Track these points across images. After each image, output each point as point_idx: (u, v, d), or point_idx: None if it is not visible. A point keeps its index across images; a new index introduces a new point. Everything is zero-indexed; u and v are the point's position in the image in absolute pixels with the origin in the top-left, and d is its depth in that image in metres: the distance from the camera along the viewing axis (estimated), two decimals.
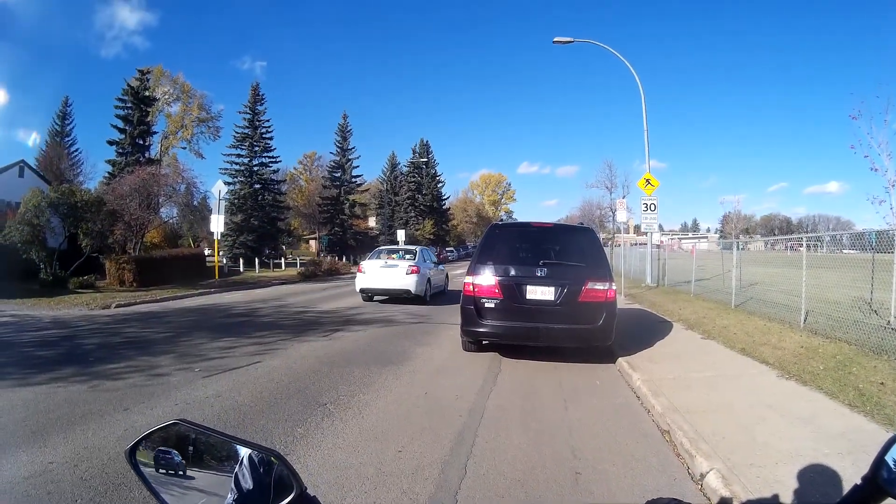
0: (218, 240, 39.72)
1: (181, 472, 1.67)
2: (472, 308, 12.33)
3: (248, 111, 76.51)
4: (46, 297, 26.63)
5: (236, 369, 11.59)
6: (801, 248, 17.44)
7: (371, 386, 10.41)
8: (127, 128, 64.44)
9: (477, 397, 9.70)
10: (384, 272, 26.01)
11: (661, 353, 12.80)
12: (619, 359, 12.23)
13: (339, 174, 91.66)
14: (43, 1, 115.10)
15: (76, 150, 79.86)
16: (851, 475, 1.57)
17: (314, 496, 1.61)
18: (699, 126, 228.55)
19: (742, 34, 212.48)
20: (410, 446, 7.24)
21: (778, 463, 6.03)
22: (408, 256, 27.49)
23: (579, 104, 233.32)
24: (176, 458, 1.68)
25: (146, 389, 9.98)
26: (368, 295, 26.64)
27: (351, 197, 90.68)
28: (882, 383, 9.20)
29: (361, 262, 30.33)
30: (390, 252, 29.13)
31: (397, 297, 25.84)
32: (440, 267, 31.08)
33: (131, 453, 1.68)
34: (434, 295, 27.51)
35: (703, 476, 6.05)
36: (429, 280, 26.79)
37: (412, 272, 25.63)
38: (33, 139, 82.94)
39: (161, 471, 1.68)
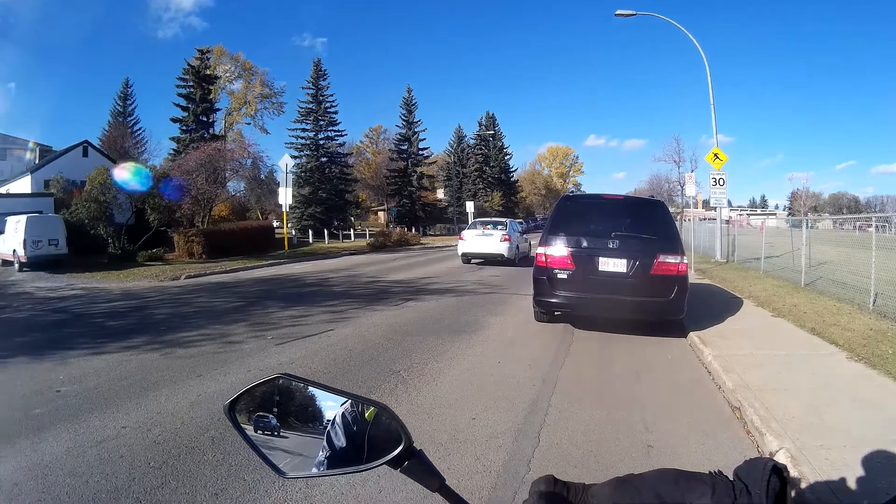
0: (286, 212, 40.31)
1: (276, 432, 1.72)
2: (544, 279, 12.37)
3: (312, 86, 77.48)
4: (115, 270, 27.30)
5: (309, 337, 11.84)
6: (870, 229, 17.22)
7: (444, 354, 10.56)
8: (190, 106, 66.06)
9: (550, 367, 9.77)
10: (481, 240, 30.81)
11: (732, 329, 12.70)
12: (691, 333, 12.15)
13: (405, 147, 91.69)
14: None
15: (139, 129, 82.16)
16: None
17: (420, 449, 1.61)
18: (767, 100, 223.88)
19: (812, 5, 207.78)
20: (484, 414, 7.39)
21: (846, 446, 5.99)
22: (500, 227, 31.61)
23: (645, 76, 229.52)
24: (272, 419, 1.73)
25: (219, 357, 10.27)
26: (467, 258, 31.46)
27: (419, 169, 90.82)
28: None
29: (462, 232, 34.38)
30: (485, 223, 33.31)
31: (492, 260, 29.48)
32: (524, 236, 34.27)
33: (230, 408, 1.72)
34: (521, 258, 30.37)
35: (772, 455, 6.05)
36: (517, 247, 31.26)
37: (504, 240, 30.17)
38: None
39: (258, 430, 1.72)
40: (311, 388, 1.71)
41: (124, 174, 32.68)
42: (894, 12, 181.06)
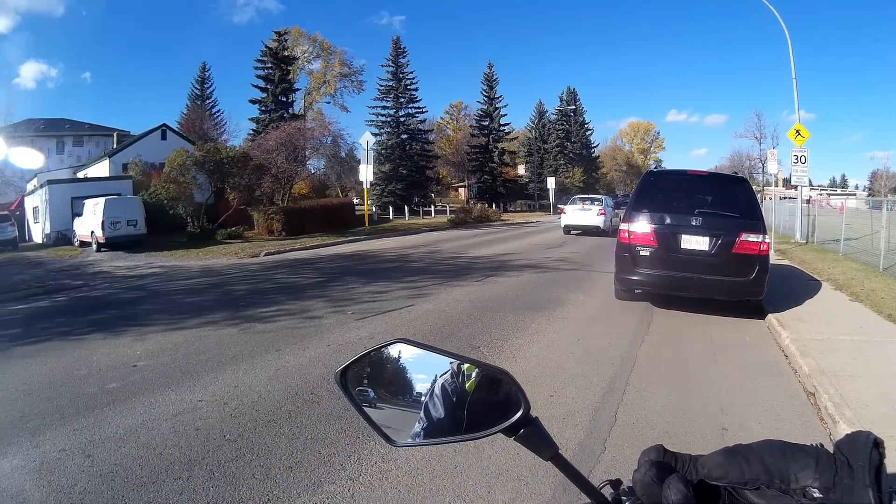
0: (367, 189, 40.53)
1: (374, 403, 1.72)
2: (627, 255, 12.48)
3: (391, 64, 77.61)
4: (195, 248, 28.18)
5: (389, 312, 12.17)
6: None
7: (524, 331, 10.74)
8: (269, 87, 66.85)
9: (629, 346, 9.88)
10: (580, 213, 35.84)
11: (810, 312, 12.60)
12: (769, 315, 12.09)
13: (486, 123, 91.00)
14: None
15: (218, 111, 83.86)
16: None
17: (536, 417, 1.57)
18: (849, 76, 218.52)
19: None
20: (562, 391, 7.59)
21: None
22: (597, 203, 36.91)
23: (726, 51, 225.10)
24: (370, 391, 1.73)
25: (298, 332, 10.57)
26: (569, 230, 36.04)
27: (500, 145, 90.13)
28: None
29: (564, 207, 39.96)
30: (584, 199, 38.56)
31: (589, 231, 33.21)
32: (616, 211, 37.26)
33: (342, 374, 1.71)
34: (613, 231, 29.88)
35: None
36: (611, 220, 34.20)
37: (601, 214, 35.04)
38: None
39: (360, 398, 1.72)
40: (428, 353, 1.68)
41: (203, 155, 33.40)
42: None
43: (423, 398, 1.63)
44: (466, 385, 1.62)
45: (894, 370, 8.55)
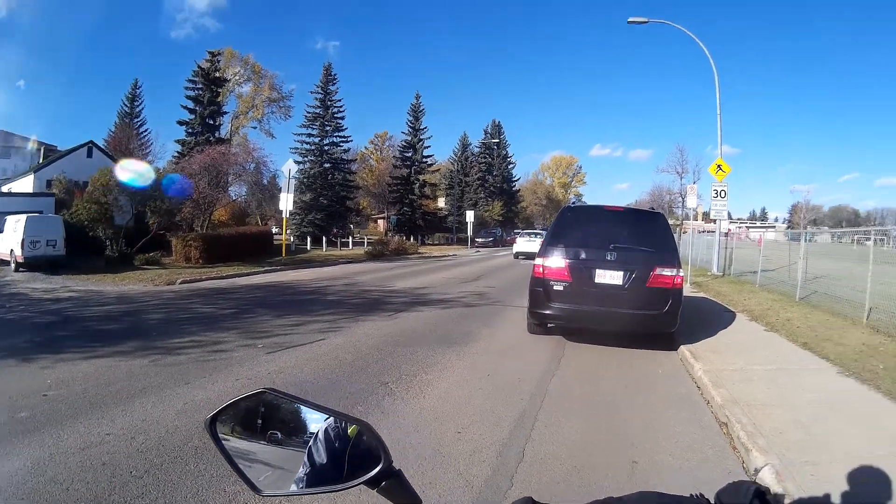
0: (287, 218, 40.22)
1: (253, 444, 1.72)
2: (540, 290, 12.38)
3: (320, 91, 76.98)
4: (112, 273, 27.40)
5: (300, 346, 11.83)
6: (868, 242, 17.26)
7: (434, 366, 10.53)
8: (197, 108, 65.63)
9: (539, 381, 9.74)
10: (528, 243, 46.13)
11: (724, 343, 12.73)
12: (682, 347, 12.18)
13: (410, 154, 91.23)
14: None
15: (145, 131, 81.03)
16: None
17: (399, 469, 1.61)
18: (774, 112, 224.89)
19: (820, 19, 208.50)
20: (470, 428, 7.35)
21: (833, 462, 6.01)
22: (539, 235, 44.97)
23: (653, 87, 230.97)
24: (248, 430, 1.74)
25: (208, 364, 10.26)
26: (517, 255, 46.09)
27: (421, 177, 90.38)
28: None
29: (516, 237, 54.91)
30: (528, 233, 52.13)
31: (532, 256, 33.35)
32: None
33: (212, 422, 1.71)
34: None
35: (757, 471, 6.06)
36: None
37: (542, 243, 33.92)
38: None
39: (234, 441, 1.73)
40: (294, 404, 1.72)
41: (127, 175, 32.60)
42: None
43: (308, 443, 1.64)
44: (349, 431, 1.65)
45: (809, 398, 8.66)
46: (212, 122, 67.52)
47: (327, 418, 1.68)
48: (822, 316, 15.83)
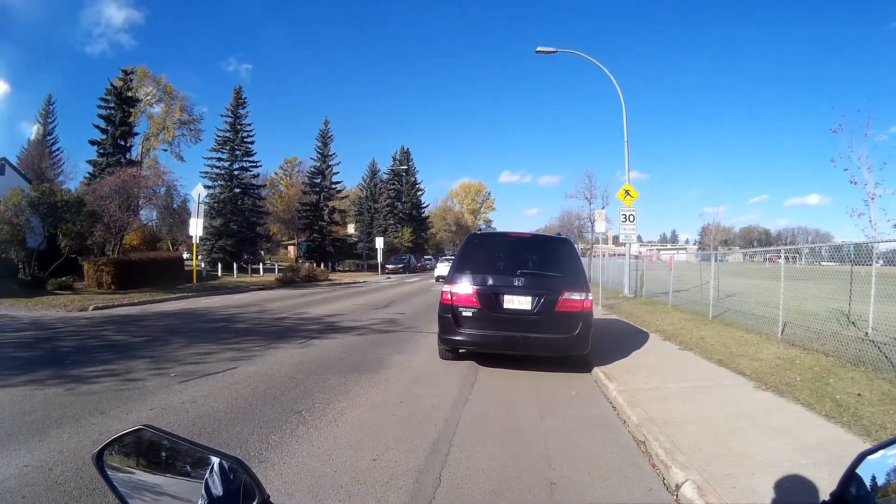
0: (196, 244, 39.90)
1: (156, 476, 1.70)
2: (449, 317, 12.31)
3: (230, 114, 76.22)
4: (24, 297, 26.80)
5: (212, 375, 11.58)
6: (780, 260, 17.51)
7: (347, 394, 10.37)
8: (109, 128, 64.14)
9: (453, 406, 9.67)
10: (447, 267, 40.94)
11: (638, 363, 12.80)
12: (596, 369, 12.24)
13: (319, 180, 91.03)
14: None
15: (58, 150, 79.68)
16: (828, 486, 1.54)
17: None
18: (682, 138, 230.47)
19: (726, 46, 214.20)
20: (385, 455, 7.21)
21: (754, 474, 6.04)
22: None
23: (562, 114, 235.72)
24: (151, 462, 1.73)
25: (122, 394, 9.97)
26: (439, 279, 46.44)
27: (330, 203, 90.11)
28: (859, 394, 9.26)
29: (437, 262, 62.80)
30: (448, 259, 50.86)
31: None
32: None
33: (98, 457, 1.68)
34: None
35: (678, 487, 6.04)
36: None
37: None
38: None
39: (138, 474, 1.71)
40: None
41: (39, 197, 31.85)
42: (810, 51, 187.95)
43: (205, 475, 1.65)
44: (235, 464, 1.65)
45: (727, 413, 8.77)
46: (123, 142, 66.10)
47: (209, 454, 1.69)
48: (736, 333, 16.11)
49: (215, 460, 1.65)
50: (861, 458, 1.57)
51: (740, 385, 10.54)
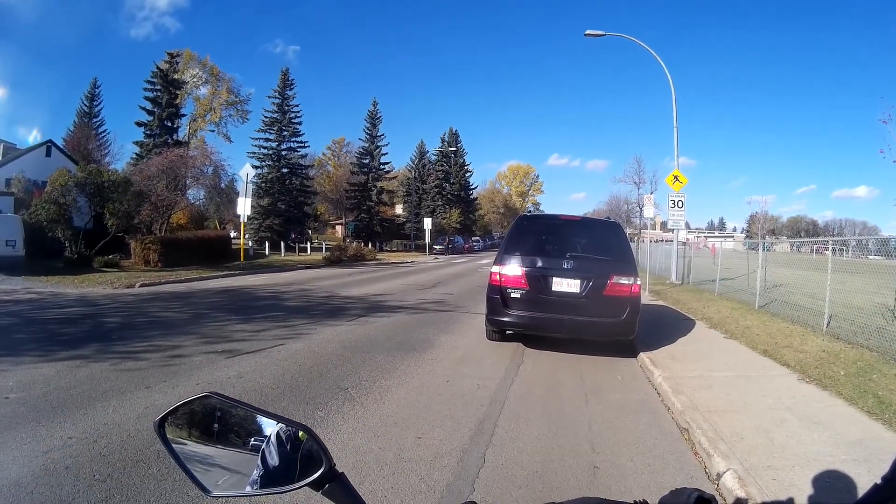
0: (244, 223, 40.01)
1: (209, 447, 1.70)
2: (498, 298, 12.34)
3: (278, 96, 76.37)
4: (71, 275, 26.91)
5: (259, 351, 11.68)
6: (827, 252, 17.34)
7: (393, 372, 10.44)
8: (155, 110, 64.75)
9: (499, 387, 9.70)
10: None
11: (683, 350, 12.76)
12: (641, 354, 12.23)
13: (367, 161, 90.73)
14: None
15: (104, 132, 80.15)
16: (866, 482, 1.60)
17: (342, 472, 1.60)
18: (731, 125, 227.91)
19: (776, 34, 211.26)
20: (430, 434, 7.29)
21: (794, 466, 6.05)
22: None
23: (611, 98, 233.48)
24: (204, 433, 1.72)
25: (168, 369, 10.10)
26: None
27: (378, 184, 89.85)
28: None
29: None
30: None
31: None
32: None
33: (160, 425, 1.69)
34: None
35: (719, 476, 6.06)
36: None
37: None
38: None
39: (190, 445, 1.71)
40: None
41: (85, 177, 32.17)
42: (853, 42, 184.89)
43: (261, 445, 1.64)
44: (300, 434, 1.64)
45: (769, 403, 8.69)
46: (170, 124, 66.69)
47: (278, 423, 1.67)
48: (782, 324, 15.93)
49: (275, 430, 1.66)
50: None
51: (784, 376, 10.47)
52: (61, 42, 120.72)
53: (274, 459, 1.62)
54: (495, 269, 12.56)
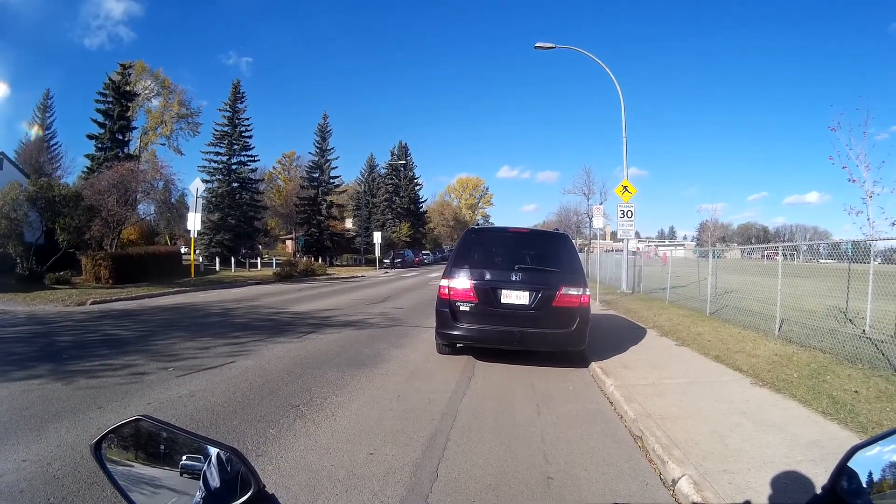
0: (194, 238, 39.66)
1: (152, 469, 1.72)
2: (447, 311, 12.31)
3: (229, 109, 76.14)
4: (22, 292, 26.71)
5: (210, 369, 11.58)
6: (778, 257, 17.51)
7: (344, 388, 10.37)
8: (107, 122, 63.76)
9: (450, 400, 9.68)
10: None
11: (635, 359, 12.82)
12: (593, 364, 12.24)
13: (317, 174, 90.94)
14: None
15: (56, 144, 79.78)
16: (823, 482, 1.54)
17: (272, 494, 1.61)
18: (682, 136, 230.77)
19: (725, 44, 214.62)
20: (382, 449, 7.23)
21: (750, 469, 6.07)
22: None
23: (561, 110, 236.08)
24: (148, 455, 1.74)
25: (120, 388, 9.97)
26: None
27: (328, 198, 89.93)
28: (856, 391, 9.26)
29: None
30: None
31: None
32: None
33: (96, 448, 1.70)
34: None
35: (675, 482, 6.06)
36: None
37: None
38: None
39: (134, 467, 1.72)
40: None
41: (37, 191, 31.84)
42: (807, 49, 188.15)
43: (202, 467, 1.65)
44: (231, 454, 1.65)
45: (723, 408, 8.79)
46: (121, 137, 65.72)
47: (210, 445, 1.69)
48: (734, 329, 16.11)
49: (213, 452, 1.65)
50: (853, 451, 1.57)
51: (737, 381, 10.57)
52: (14, 53, 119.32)
53: (215, 481, 1.62)
54: (444, 282, 12.54)
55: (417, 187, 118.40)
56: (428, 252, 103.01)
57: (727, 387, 10.16)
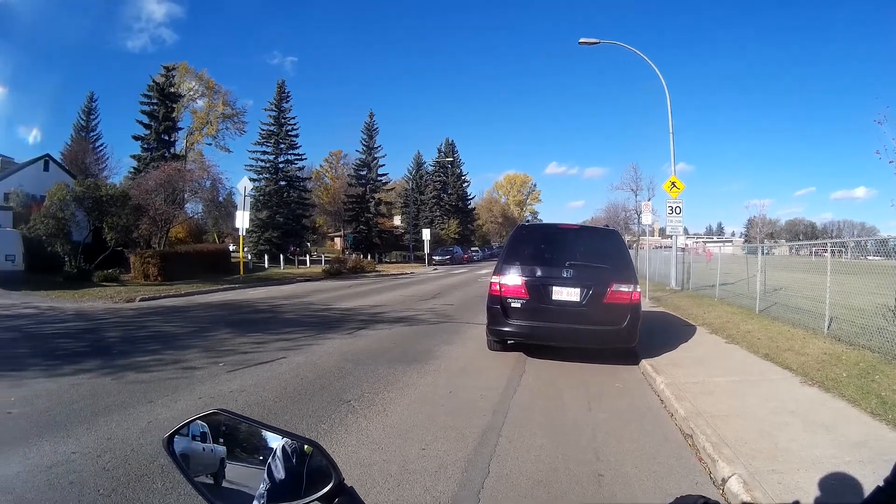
0: (243, 236, 39.91)
1: (217, 463, 1.73)
2: (498, 307, 12.31)
3: (274, 108, 76.56)
4: (71, 289, 27.02)
5: (261, 365, 11.66)
6: (826, 254, 17.33)
7: (395, 384, 10.41)
8: (152, 124, 64.53)
9: (501, 397, 9.67)
10: None
11: (685, 356, 12.77)
12: (643, 361, 12.21)
13: (364, 172, 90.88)
14: None
15: (101, 145, 79.54)
16: (872, 483, 1.60)
17: (351, 486, 1.62)
18: (728, 130, 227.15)
19: (771, 38, 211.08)
20: (434, 444, 7.26)
21: (799, 469, 6.04)
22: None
23: (607, 105, 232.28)
24: (212, 448, 1.74)
25: (170, 383, 10.09)
26: None
27: (376, 195, 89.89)
28: None
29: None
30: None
31: None
32: None
33: (169, 441, 1.71)
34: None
35: (724, 481, 6.06)
36: None
37: None
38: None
39: (198, 460, 1.73)
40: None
41: (83, 191, 32.26)
42: (852, 42, 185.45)
43: (267, 460, 1.65)
44: (305, 448, 1.66)
45: (772, 407, 8.70)
46: (167, 137, 66.51)
47: (283, 437, 1.68)
48: (783, 327, 15.89)
49: (280, 444, 1.66)
50: None
51: (786, 380, 10.47)
52: (59, 54, 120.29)
53: (280, 473, 1.62)
54: (495, 279, 12.54)
55: (465, 184, 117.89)
56: (477, 249, 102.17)
57: (776, 385, 10.08)
